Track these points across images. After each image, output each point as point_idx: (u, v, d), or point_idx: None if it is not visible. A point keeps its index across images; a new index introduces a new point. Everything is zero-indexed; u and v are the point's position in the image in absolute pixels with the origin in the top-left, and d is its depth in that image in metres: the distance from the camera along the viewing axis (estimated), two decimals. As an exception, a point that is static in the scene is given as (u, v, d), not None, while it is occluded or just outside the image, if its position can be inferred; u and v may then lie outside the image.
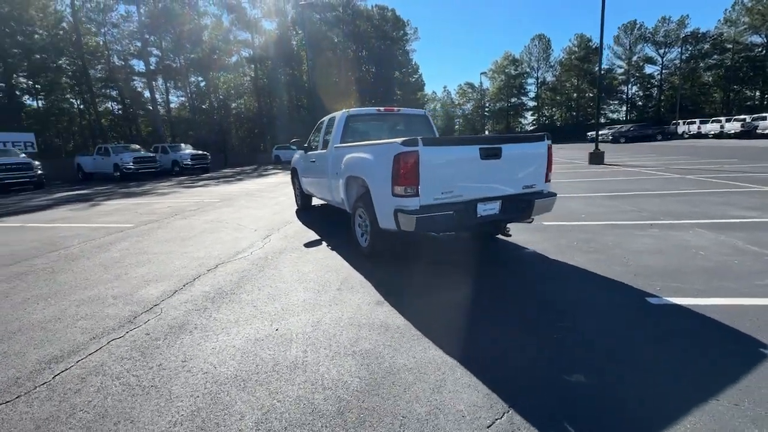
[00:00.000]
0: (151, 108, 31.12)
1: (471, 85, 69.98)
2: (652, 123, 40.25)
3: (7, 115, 23.97)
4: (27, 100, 27.36)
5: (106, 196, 12.02)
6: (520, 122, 68.64)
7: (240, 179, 17.08)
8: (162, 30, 31.23)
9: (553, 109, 66.96)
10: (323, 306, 3.12)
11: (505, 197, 3.77)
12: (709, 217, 5.55)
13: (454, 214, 3.39)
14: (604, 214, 6.11)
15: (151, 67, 31.41)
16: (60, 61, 26.37)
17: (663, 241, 4.54)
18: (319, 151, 5.81)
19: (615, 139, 36.81)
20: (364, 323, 2.79)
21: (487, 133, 65.29)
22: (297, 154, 7.58)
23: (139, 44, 30.55)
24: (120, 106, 32.58)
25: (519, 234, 5.09)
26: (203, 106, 39.38)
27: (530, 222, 4.39)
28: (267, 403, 1.96)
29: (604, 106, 61.41)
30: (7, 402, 2.05)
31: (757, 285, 3.15)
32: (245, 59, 39.88)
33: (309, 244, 5.03)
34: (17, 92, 26.12)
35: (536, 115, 66.06)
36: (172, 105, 37.32)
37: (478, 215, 3.64)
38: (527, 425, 1.74)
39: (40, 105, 27.84)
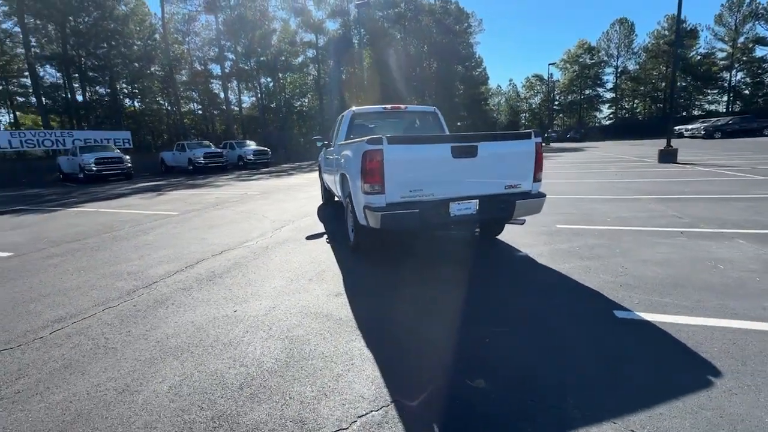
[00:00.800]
0: (224, 108, 34.36)
1: (539, 78, 65.67)
2: (757, 115, 34.18)
3: (112, 116, 28.22)
4: (127, 102, 31.98)
5: (173, 187, 13.64)
6: (595, 116, 62.90)
7: (291, 174, 18.16)
8: (236, 36, 34.13)
9: (635, 101, 60.22)
10: (287, 294, 3.34)
11: (483, 197, 3.65)
12: (765, 227, 4.76)
13: (419, 213, 3.39)
14: (635, 219, 5.53)
15: (226, 71, 34.59)
16: (152, 68, 30.34)
17: (682, 250, 4.02)
18: (331, 148, 6.07)
19: (708, 134, 32.05)
20: (312, 312, 2.96)
21: (555, 128, 61.04)
22: (322, 151, 7.94)
23: (216, 50, 33.80)
24: (200, 107, 36.47)
25: (522, 237, 4.85)
26: (271, 105, 42.30)
27: (521, 224, 4.19)
28: (188, 372, 2.22)
29: (700, 96, 53.73)
30: (10, 348, 2.58)
31: (764, 308, 2.70)
32: (309, 59, 41.92)
33: (310, 237, 5.32)
34: (119, 96, 30.66)
35: (614, 107, 59.97)
36: (244, 105, 40.73)
37: (452, 215, 3.58)
38: (395, 421, 1.78)
39: (136, 106, 32.43)
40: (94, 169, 17.01)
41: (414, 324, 2.74)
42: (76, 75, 27.35)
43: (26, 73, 25.01)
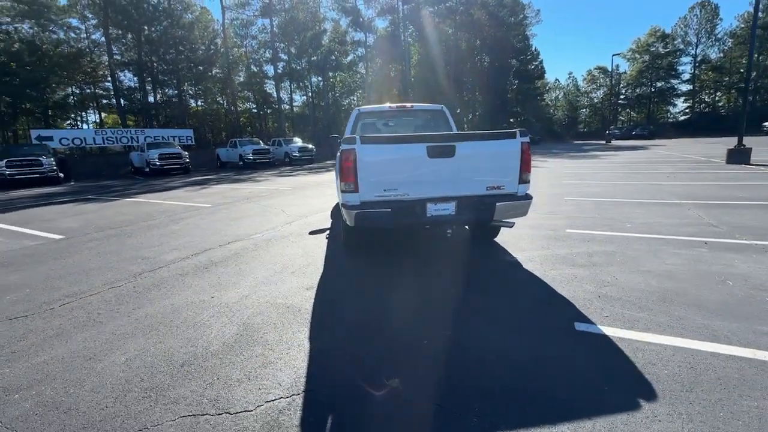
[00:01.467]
0: (276, 106, 36.26)
1: (603, 70, 60.77)
2: None
3: (178, 115, 31.17)
4: (192, 102, 35.15)
5: (219, 181, 14.73)
6: (667, 111, 57.00)
7: (330, 170, 18.72)
8: (289, 38, 35.78)
9: (717, 94, 53.53)
10: (265, 284, 3.55)
11: (461, 198, 3.58)
12: (813, 241, 4.13)
13: (391, 212, 3.42)
14: (661, 226, 5.05)
15: (279, 71, 36.46)
16: (213, 71, 32.95)
17: (694, 263, 3.63)
18: (341, 147, 6.24)
19: (807, 132, 27.69)
20: (278, 303, 3.13)
21: (620, 124, 56.25)
22: (342, 149, 8.15)
23: (270, 52, 35.72)
24: (254, 106, 38.83)
25: (521, 240, 4.66)
26: (321, 104, 43.77)
27: (510, 226, 4.02)
28: (146, 348, 2.49)
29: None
30: (25, 316, 3.05)
31: (756, 331, 2.39)
32: (358, 58, 42.72)
33: (313, 232, 5.53)
34: (184, 97, 33.69)
35: (691, 101, 53.79)
36: (295, 103, 42.68)
37: (429, 215, 3.56)
38: (296, 409, 1.87)
39: (199, 106, 35.48)
40: (157, 163, 18.85)
41: (367, 321, 2.80)
42: (149, 79, 30.54)
43: (109, 78, 28.38)
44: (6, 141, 24.54)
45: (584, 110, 67.24)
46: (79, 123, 32.02)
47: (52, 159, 16.50)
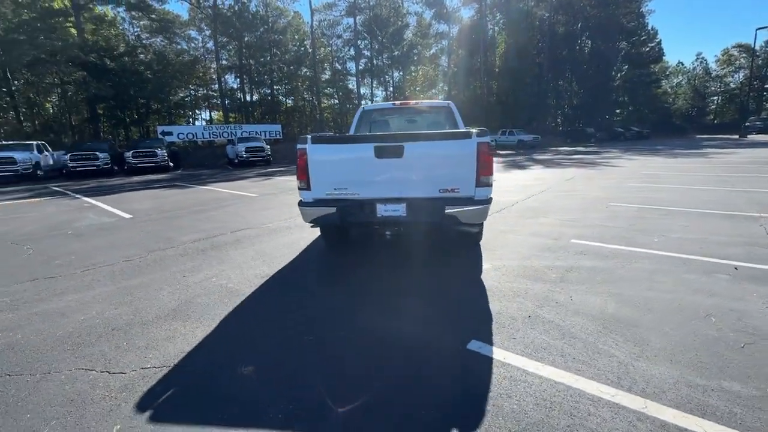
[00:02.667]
0: (357, 102, 37.78)
1: (745, 48, 49.58)
2: None
3: (270, 112, 34.72)
4: (282, 99, 38.79)
5: (282, 173, 16.09)
6: (842, 97, 44.25)
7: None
8: (372, 34, 36.85)
9: None
10: (233, 269, 3.95)
11: (411, 199, 3.48)
12: None
13: (337, 211, 3.50)
14: (697, 242, 4.21)
15: (360, 68, 37.88)
16: (302, 70, 35.82)
17: (690, 292, 2.99)
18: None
19: None
20: (228, 287, 3.48)
21: (764, 114, 45.64)
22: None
23: (353, 50, 37.33)
24: (337, 102, 41.03)
25: (505, 247, 4.32)
26: (401, 99, 44.28)
27: (475, 231, 3.78)
28: (102, 311, 3.04)
29: None
30: (53, 277, 3.92)
31: (688, 384, 1.96)
32: (440, 50, 42.02)
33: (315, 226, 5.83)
34: (277, 95, 37.31)
35: None
36: (376, 99, 43.84)
37: (379, 215, 3.55)
38: (156, 378, 2.15)
39: (288, 103, 38.96)
40: (244, 155, 21.30)
41: (278, 315, 2.97)
42: (247, 80, 34.53)
43: (216, 81, 32.86)
44: (142, 136, 30.17)
45: (715, 98, 56.01)
46: (193, 120, 37.78)
47: (164, 151, 19.86)
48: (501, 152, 26.95)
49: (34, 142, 18.37)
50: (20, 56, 22.58)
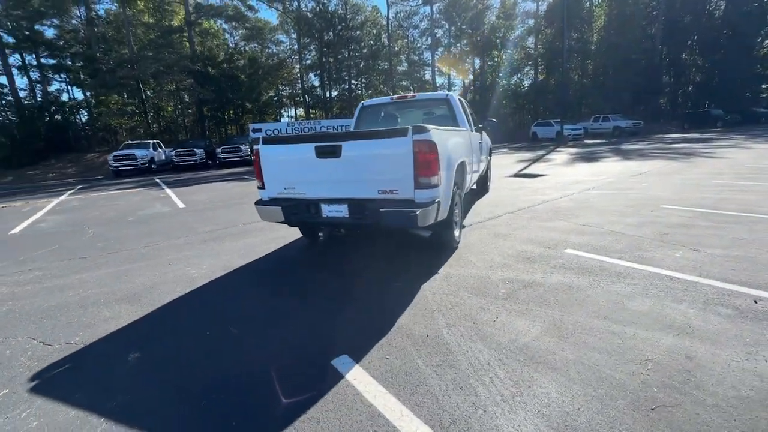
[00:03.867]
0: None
1: None
2: None
3: (348, 106, 36.24)
4: (360, 93, 40.20)
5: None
6: None
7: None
8: (450, 21, 35.60)
9: None
10: (210, 258, 4.31)
11: (352, 201, 3.36)
12: None
13: (281, 210, 3.56)
14: (730, 260, 3.29)
15: (437, 56, 37.01)
16: (378, 63, 36.46)
17: (656, 330, 2.37)
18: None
19: None
20: (191, 275, 3.82)
21: None
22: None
23: (430, 39, 36.54)
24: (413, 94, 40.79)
25: (485, 255, 3.91)
26: (486, 84, 42.05)
27: (426, 236, 3.49)
28: (86, 291, 3.60)
29: None
30: (87, 257, 4.76)
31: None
32: (525, 31, 38.69)
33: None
34: (354, 89, 38.67)
35: None
36: (454, 88, 42.45)
37: (324, 215, 3.51)
38: (67, 353, 2.51)
39: (364, 97, 40.21)
40: None
41: (202, 309, 3.17)
42: (326, 77, 36.44)
43: (299, 80, 35.37)
44: (238, 133, 34.20)
45: None
46: (279, 117, 41.34)
47: (247, 147, 22.23)
48: (588, 141, 24.02)
49: (151, 141, 22.16)
50: (147, 69, 27.27)
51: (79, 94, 33.73)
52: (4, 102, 27.82)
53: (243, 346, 2.50)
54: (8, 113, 27.87)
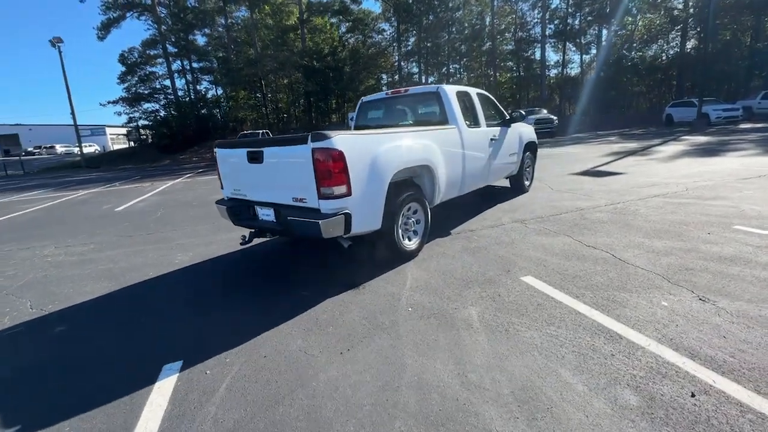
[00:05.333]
0: (539, 72, 33.07)
1: None
2: None
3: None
4: (459, 77, 38.43)
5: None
6: None
7: (566, 144, 16.25)
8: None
9: None
10: (201, 247, 4.86)
11: (275, 206, 3.37)
12: None
13: (226, 209, 3.78)
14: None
15: (549, 31, 32.66)
16: (481, 45, 34.14)
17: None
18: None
19: None
20: (174, 262, 4.39)
21: None
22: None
23: (539, 12, 32.48)
24: (517, 74, 37.03)
25: (442, 275, 3.54)
26: (612, 57, 35.86)
27: (346, 246, 3.29)
28: (97, 266, 4.47)
29: None
30: (129, 236, 5.87)
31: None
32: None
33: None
34: (453, 73, 37.20)
35: None
36: (571, 66, 37.16)
37: (260, 218, 3.61)
38: (26, 318, 3.21)
39: (465, 81, 38.27)
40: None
41: (126, 299, 3.62)
42: (424, 62, 35.76)
43: (397, 68, 35.62)
44: (339, 121, 36.58)
45: None
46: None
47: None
48: (746, 126, 18.66)
49: (260, 131, 25.39)
50: (265, 66, 31.04)
51: (218, 91, 40.40)
52: (167, 100, 35.12)
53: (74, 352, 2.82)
54: (170, 109, 35.10)
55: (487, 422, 1.71)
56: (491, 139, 5.17)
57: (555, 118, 22.93)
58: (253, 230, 3.73)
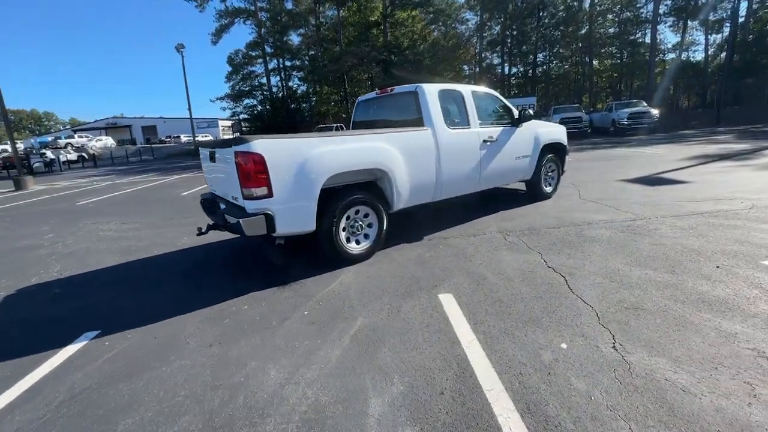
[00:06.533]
0: (648, 57, 28.12)
1: None
2: None
3: (532, 83, 32.49)
4: (551, 67, 34.98)
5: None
6: None
7: (648, 146, 14.16)
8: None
9: None
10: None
11: (225, 202, 3.67)
12: None
13: (200, 202, 4.22)
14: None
15: (663, 10, 27.58)
16: (574, 30, 30.59)
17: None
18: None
19: None
20: (176, 244, 5.06)
21: None
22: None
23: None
24: (620, 61, 32.11)
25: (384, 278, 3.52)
26: (752, 35, 29.09)
27: (275, 244, 3.44)
28: (120, 242, 5.37)
29: None
30: (171, 219, 6.85)
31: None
32: None
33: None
34: (540, 63, 34.01)
35: None
36: (696, 47, 30.98)
37: (218, 213, 3.95)
38: (16, 290, 4.05)
39: (559, 70, 34.62)
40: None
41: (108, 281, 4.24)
42: (507, 52, 33.33)
43: (477, 59, 33.97)
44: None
45: None
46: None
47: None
48: None
49: (335, 125, 26.72)
50: (346, 63, 32.44)
51: (306, 88, 43.51)
52: (263, 96, 39.06)
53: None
54: (266, 105, 38.99)
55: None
56: (485, 141, 4.78)
57: (655, 112, 19.64)
58: (210, 223, 4.05)
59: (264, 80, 39.26)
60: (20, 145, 39.80)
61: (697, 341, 2.16)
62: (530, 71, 33.88)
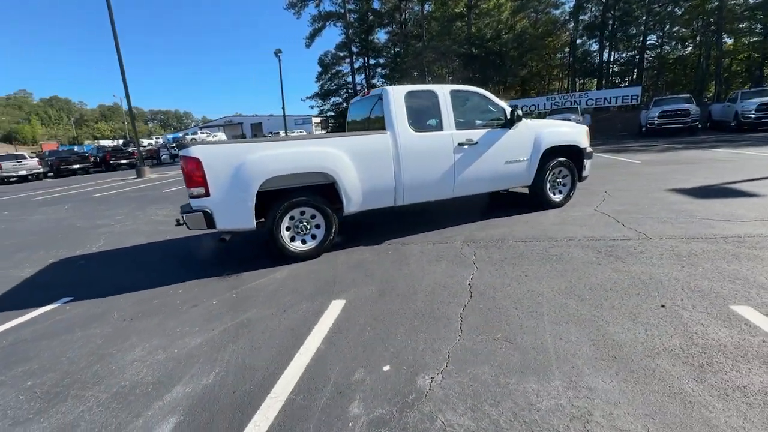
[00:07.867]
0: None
1: None
2: None
3: (627, 71, 27.79)
4: (665, 50, 29.36)
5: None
6: None
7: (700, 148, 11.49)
8: None
9: None
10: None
11: (191, 200, 4.19)
12: None
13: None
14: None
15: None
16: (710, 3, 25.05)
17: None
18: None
19: None
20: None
21: None
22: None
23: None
24: (760, 40, 25.20)
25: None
26: None
27: (219, 239, 3.80)
28: (117, 224, 6.42)
29: None
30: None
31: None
32: None
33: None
34: (649, 47, 28.78)
35: None
36: None
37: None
38: (22, 269, 5.14)
39: (674, 54, 28.78)
40: (655, 122, 16.11)
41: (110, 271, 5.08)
42: (607, 36, 29.05)
43: (570, 47, 30.41)
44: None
45: None
46: (547, 88, 37.24)
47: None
48: None
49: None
50: (425, 58, 32.26)
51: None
52: (348, 94, 41.11)
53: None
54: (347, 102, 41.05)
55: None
56: (460, 145, 4.51)
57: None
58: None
59: (350, 78, 41.31)
60: (160, 140, 49.24)
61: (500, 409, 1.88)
62: (636, 56, 29.14)
